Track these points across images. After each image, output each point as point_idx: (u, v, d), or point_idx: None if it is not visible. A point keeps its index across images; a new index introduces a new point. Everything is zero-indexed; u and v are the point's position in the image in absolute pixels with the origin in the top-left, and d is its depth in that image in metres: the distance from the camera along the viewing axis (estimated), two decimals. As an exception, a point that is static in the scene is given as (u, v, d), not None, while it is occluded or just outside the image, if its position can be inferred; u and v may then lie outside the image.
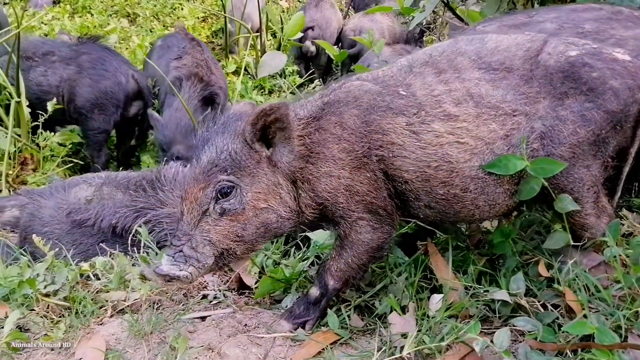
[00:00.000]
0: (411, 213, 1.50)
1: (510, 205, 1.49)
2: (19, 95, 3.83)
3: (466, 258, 1.63)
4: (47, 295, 1.69)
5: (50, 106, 3.83)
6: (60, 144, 3.97)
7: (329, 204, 1.42)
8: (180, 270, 1.34)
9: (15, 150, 3.79)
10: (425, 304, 1.51)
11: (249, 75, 6.02)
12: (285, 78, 5.93)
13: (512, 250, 1.59)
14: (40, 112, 3.93)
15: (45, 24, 5.97)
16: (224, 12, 6.06)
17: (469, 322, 1.44)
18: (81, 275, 1.81)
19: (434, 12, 2.82)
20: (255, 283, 1.85)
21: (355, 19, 6.13)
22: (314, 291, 1.54)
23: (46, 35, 5.50)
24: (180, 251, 1.35)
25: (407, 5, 2.97)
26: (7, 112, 3.83)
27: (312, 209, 1.44)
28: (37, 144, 3.91)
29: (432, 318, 1.45)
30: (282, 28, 6.61)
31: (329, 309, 1.55)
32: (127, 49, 5.90)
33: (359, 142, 1.40)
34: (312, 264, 1.87)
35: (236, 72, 6.19)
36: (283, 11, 7.34)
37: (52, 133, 3.93)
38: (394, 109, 1.41)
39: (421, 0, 2.89)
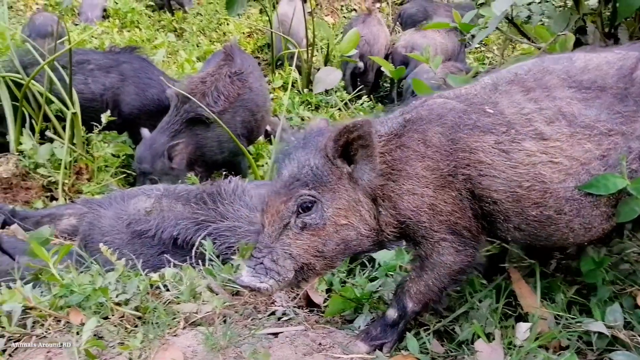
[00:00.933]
0: (498, 235, 1.44)
1: (606, 229, 1.41)
2: (74, 106, 3.96)
3: (552, 285, 1.55)
4: (118, 304, 1.70)
5: (104, 118, 3.95)
6: (114, 155, 4.08)
7: (411, 222, 1.39)
8: (261, 282, 1.34)
9: (70, 160, 3.91)
10: (510, 332, 1.44)
11: (296, 90, 6.07)
12: (333, 94, 5.93)
13: (604, 279, 1.50)
14: (94, 123, 4.05)
15: (96, 38, 6.21)
16: (271, 28, 6.17)
17: (560, 353, 1.35)
18: (151, 285, 1.81)
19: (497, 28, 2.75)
20: (324, 301, 1.82)
21: (407, 35, 6.11)
22: (392, 313, 1.50)
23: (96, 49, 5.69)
24: (261, 263, 1.35)
25: (466, 22, 2.93)
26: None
27: (393, 227, 1.40)
28: (92, 155, 4.03)
29: (521, 348, 1.37)
30: (328, 44, 6.68)
31: (407, 332, 1.49)
32: (174, 63, 6.07)
33: (444, 160, 1.37)
34: (382, 284, 1.82)
35: (283, 87, 6.26)
36: (328, 26, 7.39)
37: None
38: (481, 127, 1.37)
39: (480, 18, 2.84)
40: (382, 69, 3.30)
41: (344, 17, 7.78)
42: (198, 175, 3.95)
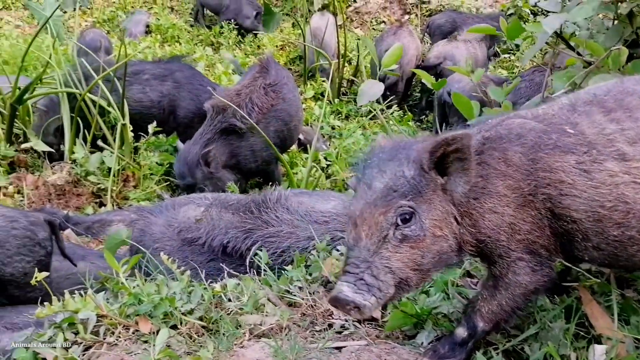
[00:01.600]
0: (575, 254, 1.43)
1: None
2: (124, 118, 4.12)
3: (625, 306, 1.53)
4: (183, 314, 1.74)
5: (150, 129, 4.15)
6: (159, 164, 4.19)
7: (490, 241, 1.39)
8: (364, 300, 1.31)
9: (118, 169, 4.05)
10: (584, 354, 1.42)
11: (327, 100, 6.14)
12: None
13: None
14: (141, 133, 4.22)
15: (140, 52, 6.43)
16: (304, 41, 6.27)
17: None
18: (213, 296, 1.85)
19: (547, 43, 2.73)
20: (382, 316, 1.82)
21: (439, 46, 6.14)
22: (461, 332, 1.49)
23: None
24: (362, 279, 1.32)
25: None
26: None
27: (471, 245, 1.40)
28: (138, 163, 4.17)
29: (597, 370, 1.35)
30: (358, 55, 6.74)
31: (476, 352, 1.49)
32: (212, 75, 6.21)
33: (525, 179, 1.37)
34: (441, 299, 1.82)
35: (314, 97, 6.34)
36: (358, 38, 7.47)
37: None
38: (561, 147, 1.37)
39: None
40: (423, 81, 3.30)
41: (373, 29, 7.84)
42: (237, 182, 4.03)
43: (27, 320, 2.02)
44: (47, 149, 4.21)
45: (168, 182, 4.20)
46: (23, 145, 4.25)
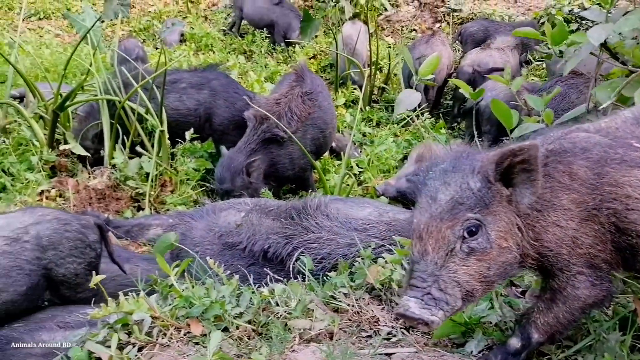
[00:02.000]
0: (637, 268, 1.41)
1: None
2: (162, 125, 4.24)
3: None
4: (234, 317, 1.78)
5: (188, 135, 4.26)
6: (195, 169, 4.28)
7: (551, 254, 1.38)
8: (432, 315, 1.32)
9: (156, 174, 4.16)
10: (642, 367, 1.40)
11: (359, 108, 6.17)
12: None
13: None
14: (179, 139, 4.33)
15: (175, 60, 6.59)
16: (336, 49, 6.33)
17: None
18: (262, 300, 1.88)
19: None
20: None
21: (472, 54, 6.11)
22: (515, 342, 1.49)
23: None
24: (429, 293, 1.33)
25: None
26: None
27: (532, 259, 1.40)
28: (175, 169, 4.27)
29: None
30: (389, 63, 6.75)
31: (529, 361, 1.48)
32: (245, 83, 6.31)
33: (590, 194, 1.36)
34: (489, 308, 1.81)
35: (344, 105, 6.38)
36: (389, 46, 7.49)
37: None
38: (628, 161, 1.36)
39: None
40: (457, 89, 3.30)
41: (404, 37, 7.85)
42: (271, 189, 4.10)
43: (79, 320, 2.09)
44: (85, 153, 4.34)
45: (204, 188, 4.28)
46: (62, 147, 4.38)
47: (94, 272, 1.89)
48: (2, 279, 2.02)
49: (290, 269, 2.32)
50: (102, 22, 7.16)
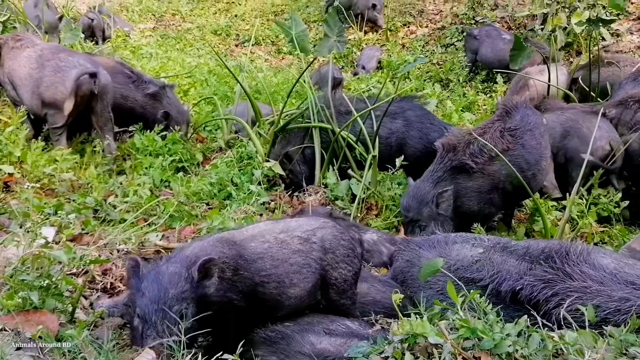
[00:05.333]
0: None
1: None
2: (374, 150, 4.34)
3: None
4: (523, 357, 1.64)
5: (398, 162, 4.27)
6: (401, 196, 4.27)
7: None
8: None
9: (363, 197, 4.26)
10: None
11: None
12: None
13: None
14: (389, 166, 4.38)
15: (371, 87, 6.82)
16: (548, 81, 5.84)
17: None
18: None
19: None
20: None
21: None
22: None
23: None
24: None
25: None
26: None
27: None
28: (381, 193, 4.32)
29: None
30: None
31: None
32: (441, 112, 6.21)
33: None
34: None
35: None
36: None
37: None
38: None
39: None
40: None
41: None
42: (484, 225, 3.85)
43: (340, 330, 2.21)
44: (282, 172, 4.62)
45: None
46: (266, 164, 4.70)
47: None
48: (296, 275, 2.22)
49: (553, 315, 2.14)
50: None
